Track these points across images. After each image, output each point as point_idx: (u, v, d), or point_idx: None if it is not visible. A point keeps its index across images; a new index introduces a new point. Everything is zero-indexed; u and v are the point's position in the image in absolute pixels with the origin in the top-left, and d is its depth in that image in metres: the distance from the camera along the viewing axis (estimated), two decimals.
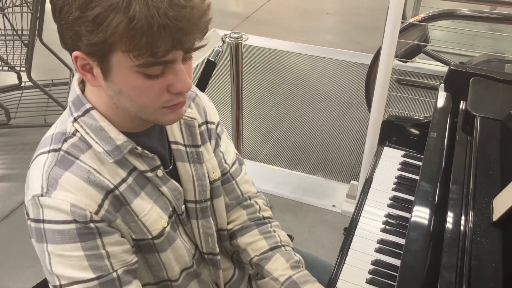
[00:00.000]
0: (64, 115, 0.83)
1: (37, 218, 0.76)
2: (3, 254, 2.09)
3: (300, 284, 0.95)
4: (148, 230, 0.85)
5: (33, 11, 2.50)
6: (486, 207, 0.90)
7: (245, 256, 1.04)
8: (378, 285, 0.99)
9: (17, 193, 2.44)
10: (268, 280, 0.98)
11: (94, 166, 0.79)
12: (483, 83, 1.32)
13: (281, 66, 3.78)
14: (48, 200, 0.75)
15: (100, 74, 0.73)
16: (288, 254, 1.01)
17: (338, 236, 2.19)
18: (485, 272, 0.77)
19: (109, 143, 0.79)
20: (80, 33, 0.68)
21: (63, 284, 0.77)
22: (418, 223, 0.95)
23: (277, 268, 0.98)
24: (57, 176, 0.76)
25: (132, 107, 0.76)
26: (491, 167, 1.01)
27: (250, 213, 1.07)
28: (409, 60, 2.96)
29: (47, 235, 0.75)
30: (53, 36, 2.72)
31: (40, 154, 0.80)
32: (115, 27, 0.65)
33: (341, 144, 2.85)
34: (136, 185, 0.83)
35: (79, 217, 0.75)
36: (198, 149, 0.94)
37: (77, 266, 0.76)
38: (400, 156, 1.39)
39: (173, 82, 0.74)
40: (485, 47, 3.70)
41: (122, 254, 0.81)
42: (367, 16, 4.74)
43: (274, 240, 1.03)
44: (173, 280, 0.93)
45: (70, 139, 0.79)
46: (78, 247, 0.76)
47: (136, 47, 0.66)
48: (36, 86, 2.68)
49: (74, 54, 0.72)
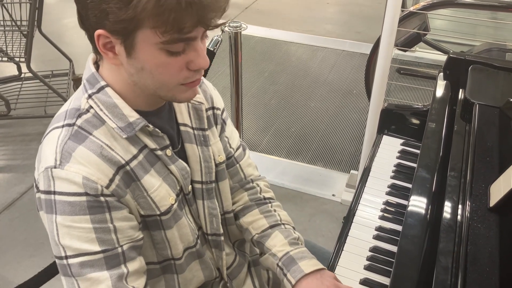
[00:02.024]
0: (78, 92, 0.85)
1: (48, 190, 0.77)
2: (4, 244, 2.10)
3: (297, 260, 0.95)
4: (156, 206, 0.87)
5: (32, 1, 2.49)
6: (483, 193, 0.90)
7: (247, 235, 1.06)
8: (376, 271, 0.99)
9: (17, 183, 2.45)
10: (267, 256, 1.00)
11: (107, 142, 0.81)
12: (482, 71, 1.32)
13: (281, 56, 3.77)
14: (61, 172, 0.76)
15: (122, 51, 0.75)
16: (287, 231, 1.02)
17: (337, 225, 2.20)
18: (482, 257, 0.77)
19: (122, 119, 0.81)
20: (107, 10, 0.70)
21: (69, 255, 0.78)
22: (416, 209, 0.96)
23: (276, 244, 0.99)
24: (71, 149, 0.78)
25: (153, 84, 0.79)
26: (489, 153, 1.01)
27: (251, 194, 1.10)
28: (409, 48, 2.95)
29: (57, 206, 0.77)
30: (53, 27, 2.73)
31: (54, 128, 0.81)
32: (145, 4, 0.67)
33: (341, 133, 2.85)
34: (146, 162, 0.85)
35: (91, 189, 0.77)
36: (204, 132, 0.97)
37: (84, 238, 0.77)
38: (399, 144, 1.39)
39: (193, 58, 0.77)
40: (486, 36, 3.69)
41: (128, 230, 0.82)
42: (367, 6, 4.72)
43: (274, 218, 1.05)
44: (176, 258, 0.95)
45: (84, 115, 0.81)
46: (87, 219, 0.77)
47: (164, 24, 0.69)
48: (36, 77, 2.68)
49: (97, 32, 0.73)
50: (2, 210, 2.29)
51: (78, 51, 3.73)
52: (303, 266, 0.94)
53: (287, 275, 0.94)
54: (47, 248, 2.08)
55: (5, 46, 2.70)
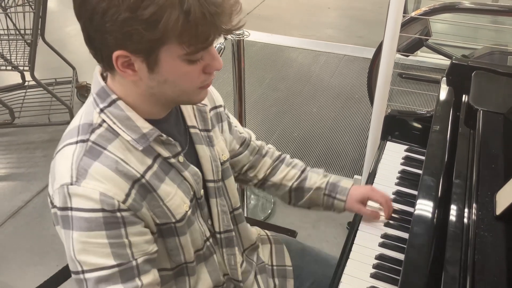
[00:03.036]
0: (88, 107, 0.85)
1: (65, 206, 0.78)
2: (10, 252, 2.11)
3: (337, 183, 1.18)
4: (172, 214, 0.88)
5: (35, 10, 2.50)
6: (489, 201, 0.90)
7: (282, 188, 1.20)
8: (382, 279, 0.99)
9: (22, 191, 2.46)
10: (313, 192, 1.17)
11: (121, 156, 0.81)
12: (486, 77, 1.32)
13: (283, 62, 3.78)
14: (77, 189, 0.77)
15: (144, 68, 0.76)
16: (314, 170, 1.22)
17: (342, 231, 2.20)
18: (489, 266, 0.77)
19: (135, 131, 0.83)
20: (131, 33, 0.70)
21: (85, 270, 0.79)
22: (422, 217, 0.95)
23: (316, 181, 1.18)
24: (87, 166, 0.78)
25: (173, 93, 0.81)
26: (494, 160, 1.01)
27: (270, 156, 1.22)
28: (411, 54, 2.95)
29: (74, 222, 0.78)
30: (56, 35, 2.74)
31: (67, 145, 0.82)
32: (174, 23, 0.69)
33: (344, 139, 2.85)
34: (161, 171, 0.87)
35: (108, 205, 0.78)
36: (209, 133, 1.00)
37: (100, 253, 0.78)
38: (403, 150, 1.39)
39: (209, 62, 0.80)
40: (488, 40, 3.68)
41: (143, 244, 0.83)
42: (369, 10, 4.73)
43: (299, 166, 1.22)
44: (189, 262, 0.97)
45: (97, 130, 0.82)
46: (103, 234, 0.78)
47: (192, 37, 0.72)
48: (40, 85, 2.69)
49: (117, 53, 0.74)
50: (7, 218, 2.29)
51: (81, 59, 3.74)
52: (344, 184, 1.18)
53: (336, 196, 1.17)
54: (53, 256, 2.08)
55: (9, 55, 2.72)
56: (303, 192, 1.18)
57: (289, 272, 1.20)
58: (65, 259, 1.35)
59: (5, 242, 2.16)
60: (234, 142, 1.13)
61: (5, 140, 2.87)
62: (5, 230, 2.23)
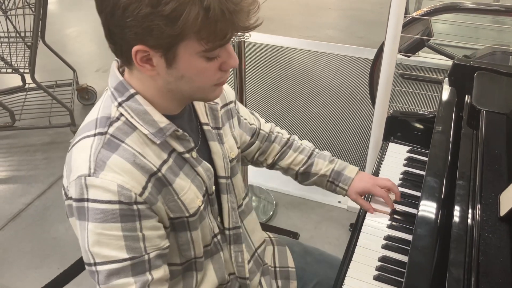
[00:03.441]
0: (105, 101, 0.86)
1: (81, 198, 0.78)
2: (10, 256, 2.10)
3: (341, 171, 1.20)
4: (186, 208, 0.89)
5: (35, 13, 2.50)
6: (493, 202, 0.89)
7: (290, 171, 1.25)
8: (386, 281, 0.99)
9: (23, 194, 2.45)
10: (316, 178, 1.22)
11: (139, 150, 0.82)
12: (488, 77, 1.31)
13: (284, 63, 3.77)
14: (95, 180, 0.77)
15: (162, 63, 0.77)
16: (322, 155, 1.23)
17: (344, 232, 2.19)
18: (494, 268, 0.77)
19: (152, 126, 0.84)
20: (152, 27, 0.71)
21: (97, 262, 0.80)
22: (425, 219, 0.95)
23: (321, 168, 1.21)
24: (105, 158, 0.79)
25: (190, 89, 0.82)
26: (498, 161, 1.00)
27: (279, 142, 1.24)
28: (412, 54, 2.95)
29: (90, 213, 0.78)
30: (56, 37, 2.73)
31: (85, 137, 0.82)
32: (194, 19, 0.70)
33: (345, 139, 2.85)
34: (175, 165, 0.88)
35: (125, 198, 0.78)
36: (219, 131, 1.01)
37: (114, 245, 0.79)
38: (406, 151, 1.39)
39: (226, 60, 0.81)
40: (489, 40, 3.68)
41: (156, 239, 0.84)
42: (369, 11, 4.72)
43: (306, 150, 1.23)
44: (198, 257, 0.97)
45: (115, 123, 0.83)
46: (118, 227, 0.79)
47: (210, 34, 0.73)
48: (40, 87, 2.69)
49: (136, 48, 0.75)
50: (8, 221, 2.29)
51: (82, 61, 3.75)
52: (348, 173, 1.20)
53: (339, 185, 1.20)
54: (54, 259, 2.08)
55: (10, 57, 2.72)
56: (308, 176, 1.23)
57: (292, 273, 1.20)
58: (66, 262, 1.34)
59: (6, 245, 2.16)
60: (245, 135, 1.16)
61: (5, 142, 2.87)
62: (6, 233, 2.22)
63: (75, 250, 2.11)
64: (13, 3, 2.60)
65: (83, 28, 4.50)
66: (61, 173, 2.59)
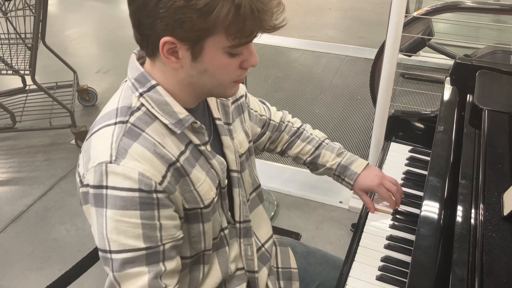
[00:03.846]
0: (125, 91, 0.87)
1: (100, 184, 0.79)
2: (11, 257, 2.10)
3: (348, 165, 1.20)
4: (201, 199, 0.91)
5: (35, 14, 2.50)
6: (496, 202, 0.89)
7: (299, 160, 1.26)
8: (388, 281, 0.98)
9: (24, 196, 2.45)
10: (323, 170, 1.23)
11: (158, 140, 0.84)
12: (490, 76, 1.31)
13: (284, 63, 3.77)
14: (117, 168, 0.78)
15: (187, 56, 0.79)
16: (330, 147, 1.23)
17: (346, 233, 2.19)
18: (498, 268, 0.76)
19: (172, 116, 0.85)
20: (183, 20, 0.74)
21: (113, 250, 0.80)
22: (428, 219, 0.94)
23: (328, 160, 1.21)
24: (127, 146, 0.80)
25: (211, 84, 0.84)
26: (500, 160, 1.00)
27: (288, 131, 1.26)
28: (413, 54, 2.95)
29: (109, 200, 0.79)
30: (56, 38, 2.73)
31: (105, 126, 0.83)
32: (225, 14, 0.73)
33: (346, 139, 2.84)
34: (192, 157, 0.89)
35: (145, 186, 0.79)
36: (230, 127, 1.03)
37: (131, 233, 0.80)
38: (407, 151, 1.38)
39: (247, 58, 0.84)
40: (490, 39, 3.68)
41: (172, 229, 0.85)
42: (370, 10, 4.72)
43: (315, 141, 1.24)
44: (207, 250, 0.99)
45: (136, 113, 0.84)
46: (137, 214, 0.80)
47: (239, 31, 0.75)
48: (41, 89, 2.69)
49: (164, 40, 0.77)
50: (9, 223, 2.28)
51: (82, 62, 3.75)
52: (355, 168, 1.19)
53: (345, 179, 1.20)
54: (55, 261, 2.07)
55: (10, 59, 2.71)
56: (317, 167, 1.24)
57: (294, 274, 1.19)
58: (68, 264, 1.34)
59: (7, 247, 2.15)
60: (256, 127, 1.18)
61: (6, 144, 2.87)
62: (7, 235, 2.22)
63: (76, 252, 2.11)
64: (13, 5, 2.60)
65: (83, 29, 4.51)
66: (62, 174, 2.59)
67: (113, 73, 3.64)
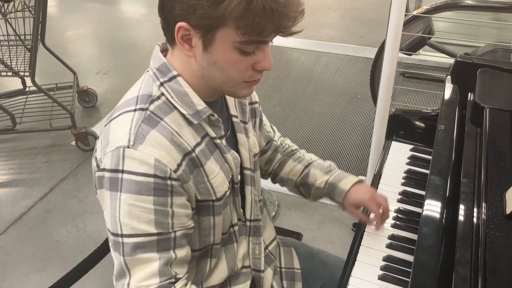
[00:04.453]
0: (147, 80, 0.89)
1: (116, 168, 0.80)
2: (13, 259, 2.10)
3: (336, 183, 1.14)
4: (214, 192, 0.92)
5: (35, 15, 2.49)
6: (498, 200, 0.89)
7: (290, 183, 1.23)
8: (390, 281, 0.98)
9: (24, 197, 2.45)
10: (314, 191, 1.18)
11: (176, 129, 0.85)
12: (491, 74, 1.31)
13: (284, 63, 3.77)
14: (134, 152, 0.80)
15: (200, 45, 0.80)
16: (319, 165, 1.19)
17: (347, 232, 2.18)
18: (501, 266, 0.76)
19: (190, 107, 0.87)
20: (196, 6, 0.75)
21: (124, 234, 0.81)
22: (430, 218, 0.94)
23: (316, 179, 1.17)
24: (145, 132, 0.82)
25: (220, 78, 0.84)
26: (503, 159, 0.99)
27: (283, 151, 1.24)
28: (413, 52, 2.94)
29: (124, 184, 0.80)
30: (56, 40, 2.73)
31: (125, 112, 0.85)
32: (235, 6, 0.73)
33: (347, 139, 2.84)
34: (207, 149, 0.91)
35: (161, 172, 0.81)
36: (246, 125, 1.04)
37: (144, 218, 0.81)
38: (409, 150, 1.38)
39: (260, 60, 0.83)
40: (490, 37, 3.67)
41: (184, 217, 0.86)
42: (369, 10, 4.72)
43: (305, 160, 1.21)
44: (216, 243, 1.00)
45: (156, 101, 0.86)
46: (150, 200, 0.81)
47: (248, 26, 0.75)
48: (41, 90, 2.68)
49: (179, 24, 0.79)
50: (10, 225, 2.28)
51: (82, 63, 3.74)
52: (343, 186, 1.13)
53: (334, 198, 1.15)
54: (56, 262, 2.07)
55: (10, 61, 2.71)
56: (309, 188, 1.20)
57: (297, 275, 1.19)
58: (69, 265, 1.34)
59: (8, 249, 2.15)
60: (261, 140, 1.18)
61: (6, 146, 2.87)
62: (8, 236, 2.22)
63: (77, 253, 2.10)
64: (12, 6, 2.60)
65: (83, 30, 4.50)
66: (62, 176, 2.59)
67: (113, 74, 3.64)
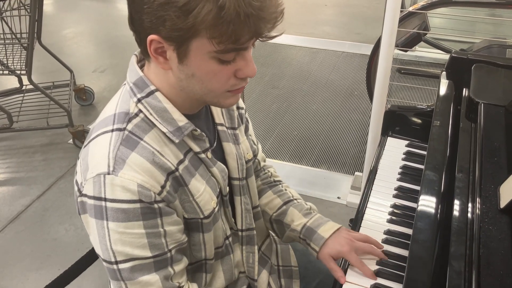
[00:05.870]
0: (123, 96, 0.84)
1: (99, 196, 0.77)
2: (11, 258, 2.10)
3: (315, 228, 1.06)
4: (201, 210, 0.88)
5: (31, 13, 2.49)
6: (493, 194, 0.89)
7: (266, 216, 1.14)
8: (386, 276, 0.98)
9: (22, 196, 2.45)
10: (288, 232, 1.09)
11: (157, 148, 0.81)
12: (486, 70, 1.31)
13: (281, 60, 3.77)
14: (115, 179, 0.76)
15: (174, 57, 0.76)
16: (300, 205, 1.11)
17: None
18: (495, 260, 0.76)
19: (171, 124, 0.82)
20: (165, 18, 0.70)
21: (119, 261, 0.79)
22: (425, 212, 0.95)
23: (293, 220, 1.09)
24: (124, 156, 0.78)
25: (201, 90, 0.80)
26: (497, 153, 1.00)
27: (264, 179, 1.17)
28: (409, 49, 2.95)
29: (109, 213, 0.77)
30: (52, 38, 2.72)
31: (102, 133, 0.81)
32: (205, 15, 0.68)
33: (344, 135, 2.85)
34: (191, 166, 0.87)
35: (145, 197, 0.78)
36: (235, 131, 1.00)
37: (136, 243, 0.79)
38: (404, 145, 1.39)
39: (241, 67, 0.78)
40: (486, 33, 3.68)
41: (177, 234, 0.85)
42: (366, 7, 4.72)
43: (286, 196, 1.14)
44: (209, 259, 0.97)
45: (134, 119, 0.81)
46: (140, 224, 0.78)
47: (222, 35, 0.70)
48: (37, 89, 2.68)
49: (150, 37, 0.74)
50: (8, 223, 2.28)
51: (79, 62, 3.74)
52: (322, 232, 1.04)
53: (310, 244, 1.05)
54: (54, 260, 2.07)
55: (6, 59, 2.71)
56: (283, 228, 1.12)
57: (295, 272, 1.19)
58: (67, 263, 1.34)
59: (6, 248, 2.15)
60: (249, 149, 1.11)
61: (3, 144, 2.86)
62: (5, 235, 2.22)
63: (75, 251, 2.11)
64: (8, 4, 2.59)
65: (79, 29, 4.49)
66: (60, 174, 2.59)
67: (110, 72, 3.64)
